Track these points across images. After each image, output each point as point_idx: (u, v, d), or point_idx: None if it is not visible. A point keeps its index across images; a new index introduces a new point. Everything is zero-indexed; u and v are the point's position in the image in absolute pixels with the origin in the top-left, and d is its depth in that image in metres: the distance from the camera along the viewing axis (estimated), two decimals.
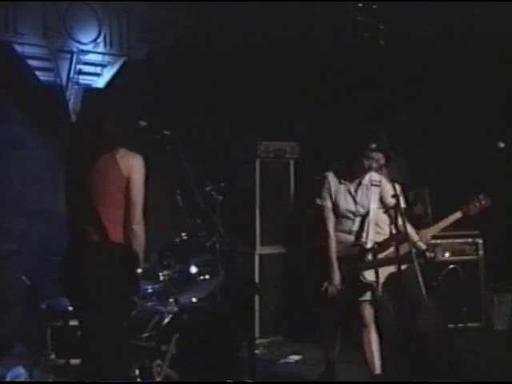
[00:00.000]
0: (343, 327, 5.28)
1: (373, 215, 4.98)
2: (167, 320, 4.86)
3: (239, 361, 5.21)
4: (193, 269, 5.10)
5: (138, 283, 4.06)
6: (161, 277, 5.08)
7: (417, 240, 5.02)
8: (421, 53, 6.91)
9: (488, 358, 5.75)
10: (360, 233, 4.99)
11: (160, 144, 4.07)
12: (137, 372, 4.67)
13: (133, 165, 3.91)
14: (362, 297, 4.97)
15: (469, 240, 6.83)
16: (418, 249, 4.92)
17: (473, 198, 5.27)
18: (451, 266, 6.60)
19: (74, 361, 4.86)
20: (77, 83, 6.12)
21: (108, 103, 4.35)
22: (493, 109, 6.83)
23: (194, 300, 5.17)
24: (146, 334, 4.84)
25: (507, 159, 5.89)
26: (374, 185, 5.00)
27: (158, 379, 4.68)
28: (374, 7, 6.79)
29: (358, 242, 4.97)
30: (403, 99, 7.10)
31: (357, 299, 4.96)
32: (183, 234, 5.23)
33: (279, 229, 6.87)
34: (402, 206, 5.20)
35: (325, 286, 4.86)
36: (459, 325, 6.38)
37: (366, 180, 5.00)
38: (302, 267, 5.11)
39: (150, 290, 5.18)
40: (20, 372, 4.94)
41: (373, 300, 4.97)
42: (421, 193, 6.35)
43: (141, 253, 3.95)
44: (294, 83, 7.07)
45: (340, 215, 4.96)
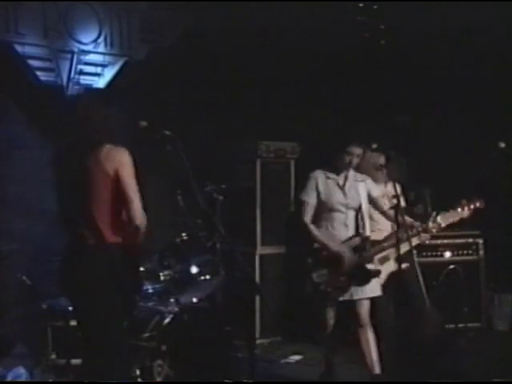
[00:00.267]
0: (343, 327, 5.29)
1: (365, 209, 5.11)
2: (168, 320, 4.85)
3: (239, 361, 5.21)
4: (193, 269, 5.10)
5: (140, 282, 4.04)
6: (161, 277, 5.07)
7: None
8: (421, 53, 6.91)
9: (488, 358, 5.74)
10: (356, 226, 5.11)
11: (160, 144, 4.07)
12: (137, 372, 4.67)
13: (119, 161, 3.77)
14: (363, 294, 5.00)
15: (469, 240, 6.84)
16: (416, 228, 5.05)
17: (468, 201, 5.26)
18: (451, 266, 6.61)
19: (75, 361, 4.85)
20: (77, 83, 6.12)
21: (91, 100, 4.24)
22: (493, 109, 6.83)
23: (195, 300, 5.17)
24: (147, 334, 4.84)
25: (508, 159, 5.90)
26: (359, 181, 5.16)
27: (159, 379, 4.68)
28: (375, 7, 6.79)
29: (358, 233, 5.09)
30: (404, 99, 7.11)
31: (357, 296, 4.99)
32: (184, 234, 5.23)
33: (280, 229, 6.87)
34: (402, 206, 5.29)
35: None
36: (460, 325, 6.38)
37: (351, 176, 5.14)
38: (302, 267, 5.10)
39: (151, 290, 5.16)
40: (21, 372, 4.94)
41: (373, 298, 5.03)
42: (421, 193, 6.35)
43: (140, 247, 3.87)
44: (295, 83, 7.07)
45: (333, 209, 5.07)
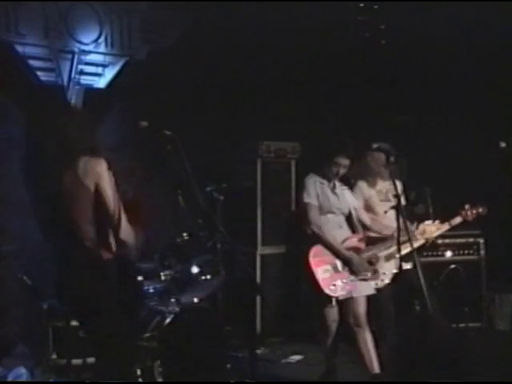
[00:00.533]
0: (343, 327, 5.28)
1: (355, 214, 5.24)
2: (169, 320, 4.85)
3: (240, 361, 5.21)
4: (194, 269, 5.10)
5: (140, 293, 3.99)
6: (162, 277, 5.08)
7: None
8: (422, 53, 6.91)
9: (489, 358, 5.73)
10: (350, 228, 5.18)
11: (161, 144, 4.07)
12: (138, 372, 4.67)
13: (97, 173, 3.59)
14: (363, 291, 5.03)
15: (470, 240, 6.83)
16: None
17: (471, 206, 5.32)
18: (452, 266, 6.61)
19: (76, 361, 4.86)
20: (78, 83, 6.12)
21: (64, 112, 4.11)
22: (494, 108, 6.83)
23: (196, 300, 5.17)
24: (148, 334, 4.84)
25: (508, 159, 5.90)
26: (344, 189, 5.29)
27: (160, 379, 4.67)
28: (375, 7, 6.79)
29: (356, 233, 5.16)
30: (404, 99, 7.10)
31: (358, 293, 5.00)
32: (184, 234, 5.23)
33: (280, 229, 6.88)
34: (402, 204, 5.32)
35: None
36: (460, 325, 6.38)
37: (337, 184, 5.25)
38: (302, 267, 5.10)
39: (152, 290, 5.17)
40: (21, 372, 4.94)
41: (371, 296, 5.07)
42: (422, 193, 6.34)
43: (135, 259, 3.77)
44: (295, 83, 7.06)
45: (329, 211, 5.11)
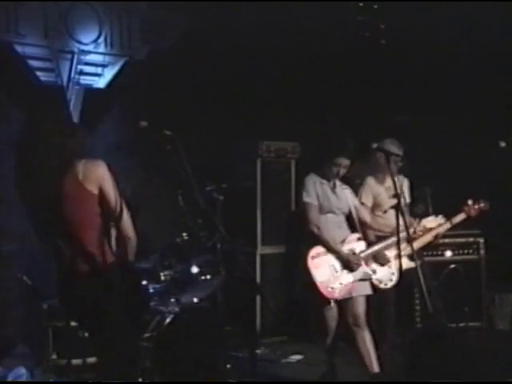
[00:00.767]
0: (343, 327, 5.29)
1: (355, 213, 5.20)
2: (168, 320, 4.85)
3: (240, 360, 5.21)
4: (194, 269, 5.09)
5: (144, 299, 3.98)
6: (162, 277, 5.07)
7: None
8: (422, 52, 6.91)
9: (489, 358, 5.73)
10: (349, 228, 5.15)
11: (161, 144, 4.06)
12: (138, 372, 4.66)
13: (98, 176, 3.56)
14: (361, 291, 5.02)
15: (470, 239, 6.83)
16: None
17: (473, 201, 5.33)
18: (452, 266, 6.60)
19: (76, 361, 4.86)
20: (78, 83, 6.12)
21: (56, 119, 3.95)
22: (494, 108, 6.83)
23: (196, 300, 5.17)
24: (148, 334, 4.83)
25: (508, 158, 5.90)
26: (344, 188, 5.25)
27: (159, 379, 4.67)
28: (375, 7, 6.79)
29: (355, 233, 5.13)
30: (404, 99, 7.10)
31: (356, 293, 5.00)
32: (184, 234, 5.23)
33: (280, 229, 6.87)
34: (407, 202, 5.46)
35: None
36: (460, 324, 6.37)
37: (338, 184, 5.22)
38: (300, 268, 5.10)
39: (152, 290, 5.17)
40: (21, 372, 4.95)
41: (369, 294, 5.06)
42: (422, 192, 6.35)
43: (133, 256, 3.68)
44: (295, 83, 7.07)
45: (329, 211, 5.10)
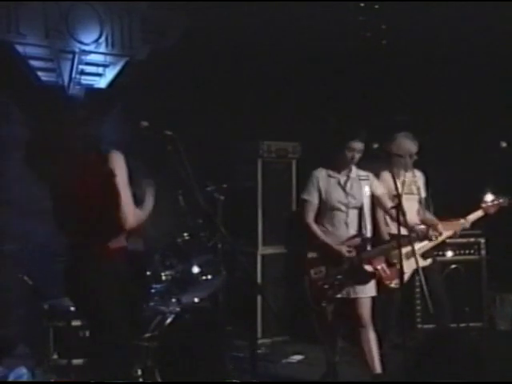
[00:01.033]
0: (344, 327, 5.29)
1: (366, 208, 5.08)
2: (169, 320, 4.85)
3: (241, 361, 5.21)
4: (195, 269, 5.09)
5: (145, 287, 4.03)
6: (163, 277, 5.07)
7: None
8: (423, 52, 6.90)
9: (490, 358, 5.73)
10: (358, 225, 5.07)
11: (161, 144, 4.07)
12: (139, 372, 4.67)
13: (115, 165, 3.82)
14: (362, 293, 4.99)
15: (471, 240, 6.83)
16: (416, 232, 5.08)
17: (493, 198, 5.31)
18: (453, 266, 6.60)
19: (76, 361, 4.86)
20: (79, 83, 6.13)
21: (73, 110, 4.25)
22: (495, 108, 6.82)
23: (196, 300, 5.16)
24: (148, 334, 4.84)
25: (509, 159, 5.89)
26: (362, 179, 5.12)
27: (160, 379, 4.67)
28: (376, 7, 6.79)
29: (359, 233, 5.06)
30: (405, 99, 7.10)
31: (357, 295, 4.98)
32: (185, 234, 5.22)
33: (281, 229, 6.87)
34: (423, 196, 5.56)
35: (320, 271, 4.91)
36: (461, 325, 6.37)
37: (354, 174, 5.11)
38: (303, 267, 5.10)
39: (152, 290, 5.17)
40: (22, 372, 4.95)
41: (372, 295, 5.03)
42: None
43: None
44: (296, 83, 7.06)
45: (333, 208, 5.05)
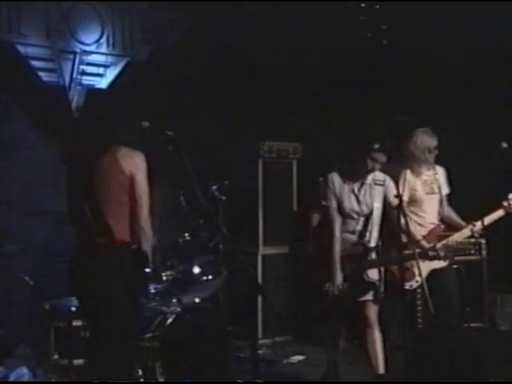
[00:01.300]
0: (346, 327, 5.28)
1: (376, 214, 4.97)
2: (170, 320, 4.85)
3: (242, 361, 5.21)
4: (196, 269, 5.09)
5: (147, 283, 4.07)
6: (164, 277, 5.06)
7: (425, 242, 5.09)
8: (423, 53, 6.90)
9: (490, 358, 5.72)
10: (363, 232, 4.99)
11: (162, 144, 4.08)
12: (140, 372, 4.67)
13: (135, 163, 3.97)
14: (365, 296, 4.98)
15: (472, 240, 6.82)
16: (422, 248, 4.98)
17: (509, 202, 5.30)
18: (454, 266, 6.59)
19: (77, 361, 4.86)
20: (80, 84, 6.13)
21: (107, 103, 4.41)
22: (495, 109, 6.82)
23: (197, 300, 5.17)
24: (149, 335, 4.84)
25: (510, 159, 5.88)
26: (378, 184, 5.00)
27: (161, 380, 4.68)
28: (377, 7, 6.79)
29: (361, 241, 4.98)
30: (406, 99, 7.09)
31: (360, 298, 4.96)
32: (186, 235, 5.22)
33: (282, 229, 6.87)
34: (445, 193, 5.40)
35: (327, 286, 4.87)
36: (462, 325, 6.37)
37: (369, 179, 5.00)
38: (305, 267, 5.10)
39: (153, 291, 5.17)
40: (23, 372, 4.94)
41: (376, 299, 4.99)
42: None
43: (149, 250, 4.00)
44: (297, 83, 7.06)
45: (344, 215, 4.97)
